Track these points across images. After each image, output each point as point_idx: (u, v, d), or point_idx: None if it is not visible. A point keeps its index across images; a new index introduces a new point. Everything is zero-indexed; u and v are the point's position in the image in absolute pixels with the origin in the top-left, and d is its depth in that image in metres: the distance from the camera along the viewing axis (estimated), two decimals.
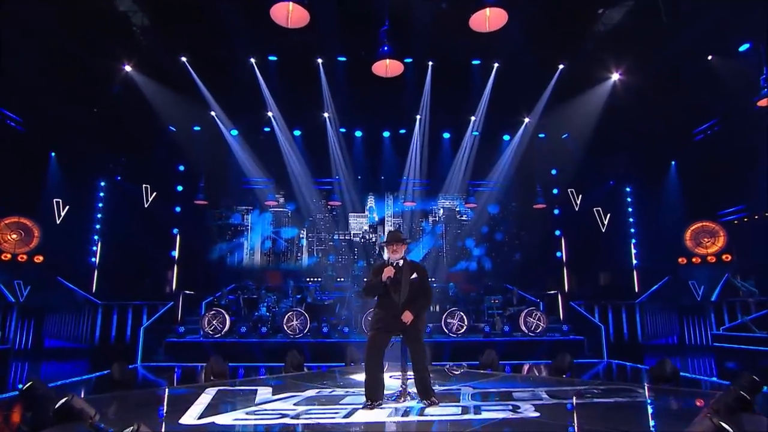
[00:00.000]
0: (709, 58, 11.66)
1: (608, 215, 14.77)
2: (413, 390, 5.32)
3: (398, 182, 16.16)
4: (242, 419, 4.32)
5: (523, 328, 11.12)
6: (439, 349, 10.47)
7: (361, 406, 4.70)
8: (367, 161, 15.71)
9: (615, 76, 12.72)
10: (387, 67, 9.01)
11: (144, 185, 15.05)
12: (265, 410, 4.64)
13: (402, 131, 15.41)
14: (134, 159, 14.73)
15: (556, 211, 15.89)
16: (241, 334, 11.13)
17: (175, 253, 14.97)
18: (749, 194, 12.68)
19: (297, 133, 15.29)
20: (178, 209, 15.24)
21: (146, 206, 14.95)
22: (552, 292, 13.49)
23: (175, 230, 15.13)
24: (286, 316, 11.32)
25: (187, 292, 13.76)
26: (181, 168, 15.40)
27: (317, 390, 5.70)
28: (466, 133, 14.40)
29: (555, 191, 15.94)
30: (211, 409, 4.65)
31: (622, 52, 11.89)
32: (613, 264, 14.53)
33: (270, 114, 14.52)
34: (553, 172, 16.09)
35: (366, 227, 16.70)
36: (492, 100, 13.02)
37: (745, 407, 4.26)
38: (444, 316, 11.30)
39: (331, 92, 13.13)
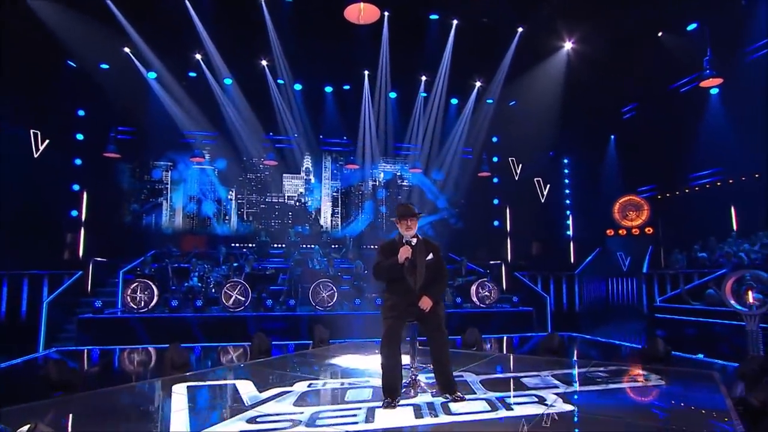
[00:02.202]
0: (660, 34, 11.99)
1: (548, 186, 15.04)
2: (421, 378, 4.79)
3: (339, 143, 15.19)
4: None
5: (475, 299, 10.99)
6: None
7: (379, 406, 4.04)
8: (305, 118, 14.49)
9: (568, 45, 12.68)
10: (361, 13, 7.97)
11: (33, 130, 12.57)
12: (267, 415, 3.81)
13: (346, 87, 14.37)
14: (20, 97, 12.19)
15: (495, 180, 15.90)
16: (172, 307, 9.82)
17: (80, 214, 12.89)
18: (681, 171, 13.51)
19: (228, 81, 13.64)
20: (79, 162, 13.02)
21: (36, 156, 12.55)
22: (495, 262, 13.55)
23: (76, 186, 12.94)
24: (225, 288, 10.18)
25: (99, 259, 11.94)
26: (81, 113, 13.07)
27: (308, 383, 4.92)
28: (418, 94, 13.75)
29: (495, 159, 15.90)
30: (200, 419, 3.73)
31: (576, 19, 11.78)
32: (552, 235, 14.92)
33: (199, 57, 12.78)
34: (494, 139, 16.00)
35: (302, 190, 15.60)
36: (448, 61, 12.41)
37: None
38: None
39: (276, 37, 11.75)
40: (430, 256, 4.50)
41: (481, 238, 14.86)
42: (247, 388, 4.66)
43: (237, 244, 13.94)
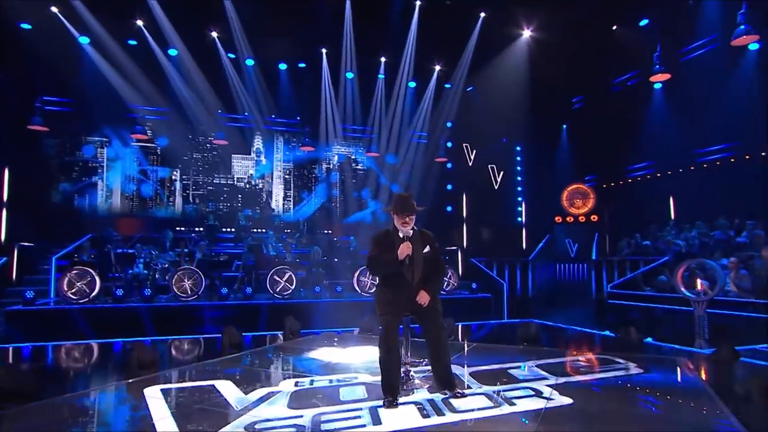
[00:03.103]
0: (614, 27, 12.39)
1: (501, 173, 15.30)
2: (414, 373, 4.65)
3: (292, 123, 14.61)
4: None
5: None
6: (351, 310, 9.75)
7: (380, 405, 3.84)
8: (257, 96, 13.78)
9: (527, 33, 12.82)
10: None
11: None
12: (265, 420, 3.50)
13: (301, 65, 13.78)
14: None
15: (449, 165, 15.97)
16: (117, 297, 9.06)
17: (1, 193, 11.57)
18: (624, 161, 14.16)
19: (174, 52, 12.67)
20: None
21: None
22: (452, 248, 13.65)
23: None
24: (177, 275, 9.52)
25: (25, 244, 10.81)
26: None
27: (293, 381, 4.63)
28: (377, 76, 13.42)
29: (449, 144, 15.95)
30: (190, 427, 3.37)
31: (534, 6, 11.91)
32: (505, 221, 15.23)
33: (141, 23, 11.74)
34: (449, 124, 16.01)
35: (252, 171, 14.91)
36: (411, 44, 12.17)
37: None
38: (356, 274, 10.59)
39: (230, 6, 10.99)
40: (427, 249, 4.31)
41: (435, 224, 14.88)
42: (229, 389, 4.30)
43: (183, 228, 13.13)
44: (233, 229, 13.42)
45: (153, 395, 4.15)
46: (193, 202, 14.18)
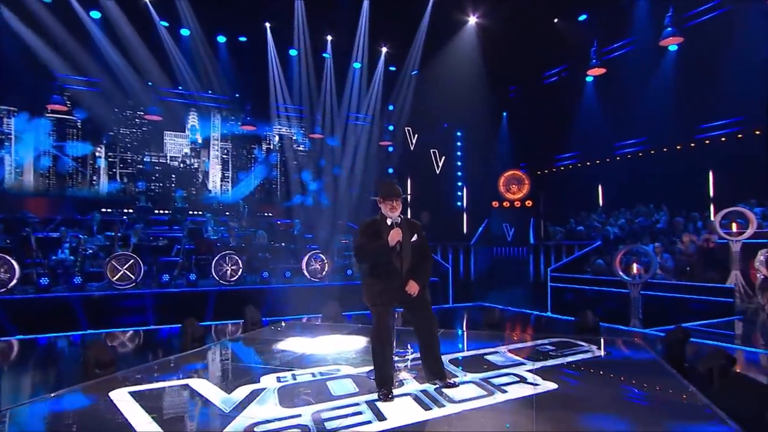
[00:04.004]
0: (555, 20, 12.84)
1: (443, 158, 15.51)
2: (400, 366, 4.61)
3: (231, 100, 13.82)
4: None
5: None
6: (304, 296, 9.52)
7: (375, 399, 3.77)
8: (193, 69, 12.86)
9: (473, 20, 12.97)
10: None
11: None
12: (264, 422, 3.29)
13: (242, 39, 13.01)
14: None
15: (390, 149, 15.93)
16: (41, 287, 8.17)
17: None
18: (557, 150, 14.89)
19: (96, 15, 11.47)
20: None
21: None
22: None
23: None
24: (111, 262, 8.76)
25: None
26: None
27: (274, 377, 4.41)
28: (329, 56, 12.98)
29: (391, 128, 15.88)
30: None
31: None
32: (446, 205, 15.50)
33: None
34: (390, 107, 15.91)
35: (187, 150, 13.98)
36: (363, 24, 11.88)
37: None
38: (306, 259, 10.34)
39: None
40: (415, 237, 4.25)
41: (377, 207, 14.81)
42: (208, 389, 4.01)
43: (110, 210, 12.07)
44: (168, 211, 12.54)
45: (122, 399, 3.79)
46: (121, 181, 13.07)
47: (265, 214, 13.63)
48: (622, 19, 12.48)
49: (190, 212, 12.43)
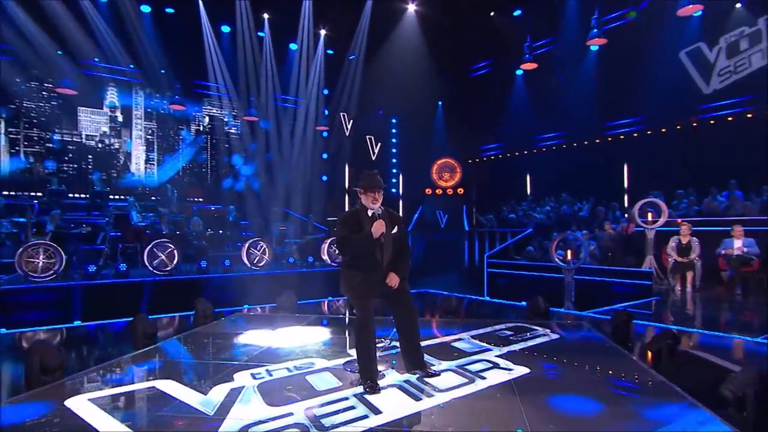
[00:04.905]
0: (492, 14, 13.21)
1: (379, 144, 15.50)
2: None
3: (157, 77, 12.82)
4: None
5: (326, 258, 10.86)
6: (249, 285, 9.13)
7: (361, 392, 3.72)
8: (112, 40, 11.74)
9: (412, 7, 13.00)
10: None
11: None
12: (257, 424, 3.13)
13: (169, 10, 12.06)
14: None
15: (324, 134, 15.67)
16: None
17: None
18: (488, 140, 15.44)
19: None
20: None
21: None
22: (334, 219, 13.48)
23: None
24: (25, 251, 7.85)
25: None
26: None
27: (247, 373, 4.20)
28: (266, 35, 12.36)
29: (326, 112, 15.62)
30: None
31: None
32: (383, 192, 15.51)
33: None
34: (325, 92, 15.62)
35: (105, 128, 12.78)
36: (306, 7, 11.46)
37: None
38: (246, 247, 9.93)
39: None
40: (395, 229, 4.23)
41: (315, 194, 14.60)
42: (179, 390, 3.74)
43: (14, 193, 10.80)
44: (86, 195, 11.45)
45: (83, 407, 3.42)
46: (27, 160, 11.70)
47: (196, 199, 12.89)
48: (552, 17, 13.12)
49: (111, 196, 11.44)
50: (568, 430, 3.11)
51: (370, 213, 4.08)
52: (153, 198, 12.18)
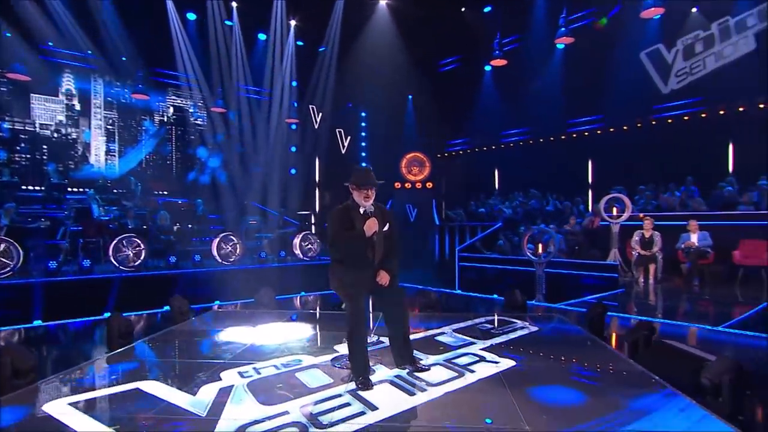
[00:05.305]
0: (463, 9, 13.28)
1: (348, 138, 15.39)
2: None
3: (116, 63, 12.26)
4: None
5: (298, 252, 10.72)
6: (222, 281, 8.89)
7: (354, 388, 3.70)
8: (71, 21, 11.12)
9: (384, 0, 12.94)
10: None
11: None
12: (254, 423, 3.05)
13: None
14: None
15: (293, 126, 15.41)
16: None
17: None
18: (458, 134, 15.59)
19: None
20: None
21: None
22: (305, 212, 13.34)
23: None
24: None
25: None
26: None
27: (234, 372, 4.10)
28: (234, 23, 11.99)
29: (294, 104, 15.36)
30: None
31: None
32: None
33: None
34: (294, 83, 15.36)
35: (62, 117, 12.13)
36: None
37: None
38: (217, 242, 9.67)
39: None
40: (387, 226, 4.21)
41: (285, 188, 14.34)
42: (166, 391, 3.60)
43: None
44: (41, 188, 10.86)
45: (65, 412, 3.26)
46: None
47: (161, 192, 12.45)
48: (522, 15, 13.34)
49: (70, 189, 10.90)
50: (563, 421, 3.17)
51: (362, 210, 4.05)
52: (115, 191, 11.68)
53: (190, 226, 10.51)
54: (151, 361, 4.54)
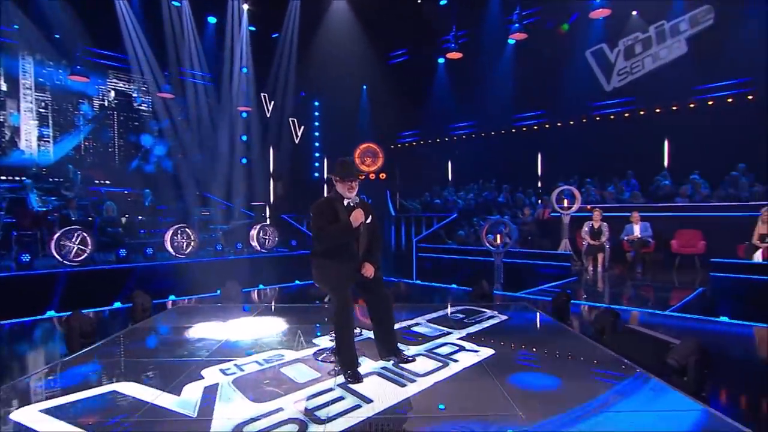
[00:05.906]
0: (419, 1, 13.31)
1: (302, 127, 15.08)
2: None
3: (50, 42, 11.33)
4: None
5: (255, 244, 10.42)
6: (177, 275, 8.48)
7: (344, 382, 3.65)
8: None
9: None
10: None
11: None
12: (249, 422, 2.94)
13: None
14: None
15: (244, 115, 14.90)
16: None
17: None
18: (410, 126, 15.68)
19: None
20: None
21: None
22: (259, 203, 12.94)
23: None
24: None
25: None
26: None
27: (215, 369, 3.93)
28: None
29: (246, 92, 14.83)
30: None
31: None
32: (305, 176, 15.17)
33: None
34: (244, 70, 14.83)
35: None
36: None
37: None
38: (170, 234, 9.21)
39: None
40: (369, 218, 4.18)
41: (236, 178, 13.84)
42: (147, 393, 3.40)
43: None
44: None
45: (38, 420, 3.01)
46: None
47: (102, 181, 11.69)
48: (476, 9, 13.55)
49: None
50: (554, 407, 3.27)
51: (346, 202, 3.99)
52: (51, 179, 10.82)
53: (140, 217, 9.95)
54: (122, 361, 4.26)
